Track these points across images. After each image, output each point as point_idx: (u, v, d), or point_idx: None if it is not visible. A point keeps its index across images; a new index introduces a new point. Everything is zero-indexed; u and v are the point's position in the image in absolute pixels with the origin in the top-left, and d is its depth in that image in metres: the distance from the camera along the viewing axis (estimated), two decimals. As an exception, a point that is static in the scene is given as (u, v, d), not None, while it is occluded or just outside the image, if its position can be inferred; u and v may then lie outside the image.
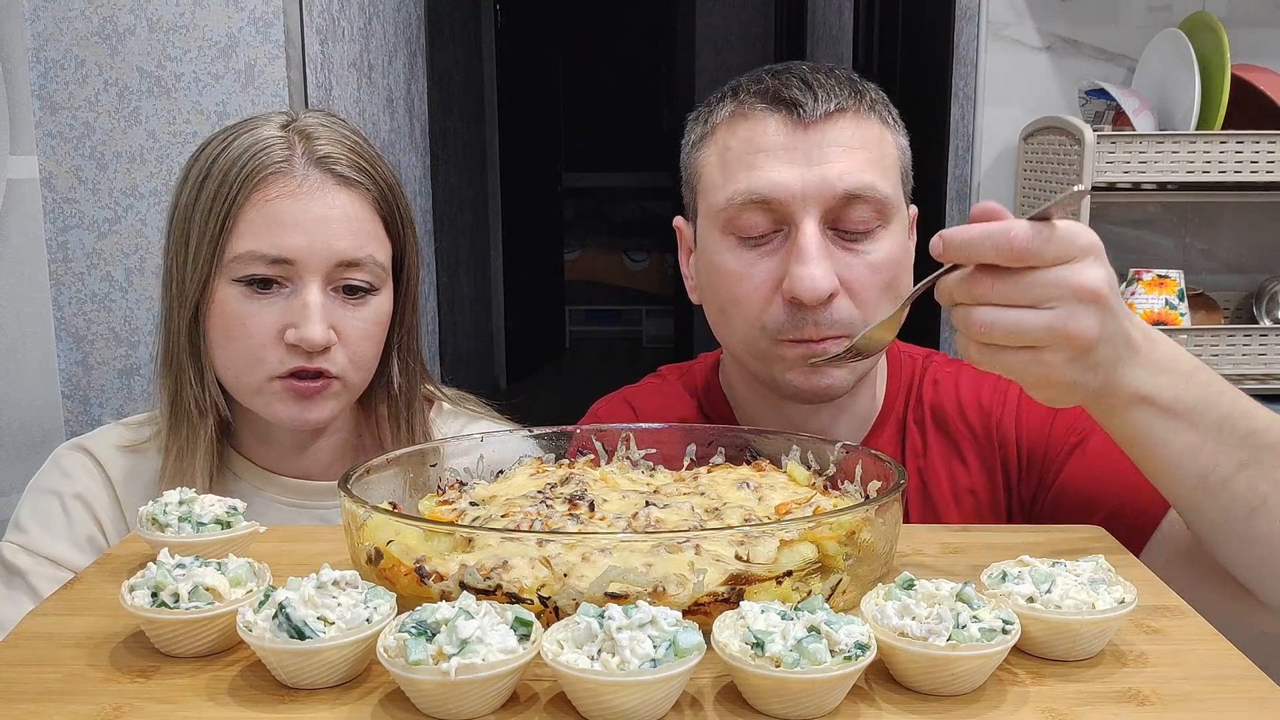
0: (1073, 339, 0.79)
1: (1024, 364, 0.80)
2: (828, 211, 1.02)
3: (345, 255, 1.08)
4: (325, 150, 1.09)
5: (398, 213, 1.15)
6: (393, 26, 3.05)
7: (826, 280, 1.00)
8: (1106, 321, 0.80)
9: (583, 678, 0.60)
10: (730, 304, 1.06)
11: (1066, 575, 0.71)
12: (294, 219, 1.07)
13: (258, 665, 0.68)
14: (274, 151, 1.08)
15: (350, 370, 1.11)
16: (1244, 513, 0.87)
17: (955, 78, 2.54)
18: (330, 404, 1.12)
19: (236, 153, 1.08)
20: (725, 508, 0.85)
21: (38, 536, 1.14)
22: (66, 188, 2.01)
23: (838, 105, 1.03)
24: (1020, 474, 1.11)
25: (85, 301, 2.04)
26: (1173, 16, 2.31)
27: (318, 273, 1.07)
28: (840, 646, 0.62)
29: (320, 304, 1.07)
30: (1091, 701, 0.65)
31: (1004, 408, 1.13)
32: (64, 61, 1.98)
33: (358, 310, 1.11)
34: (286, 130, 1.11)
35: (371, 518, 0.76)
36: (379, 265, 1.11)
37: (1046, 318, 0.78)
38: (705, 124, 1.10)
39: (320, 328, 1.06)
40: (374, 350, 1.14)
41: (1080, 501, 1.06)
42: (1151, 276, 2.14)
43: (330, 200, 1.08)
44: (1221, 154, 2.08)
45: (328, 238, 1.07)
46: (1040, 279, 0.78)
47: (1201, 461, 0.86)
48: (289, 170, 1.08)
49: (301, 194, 1.07)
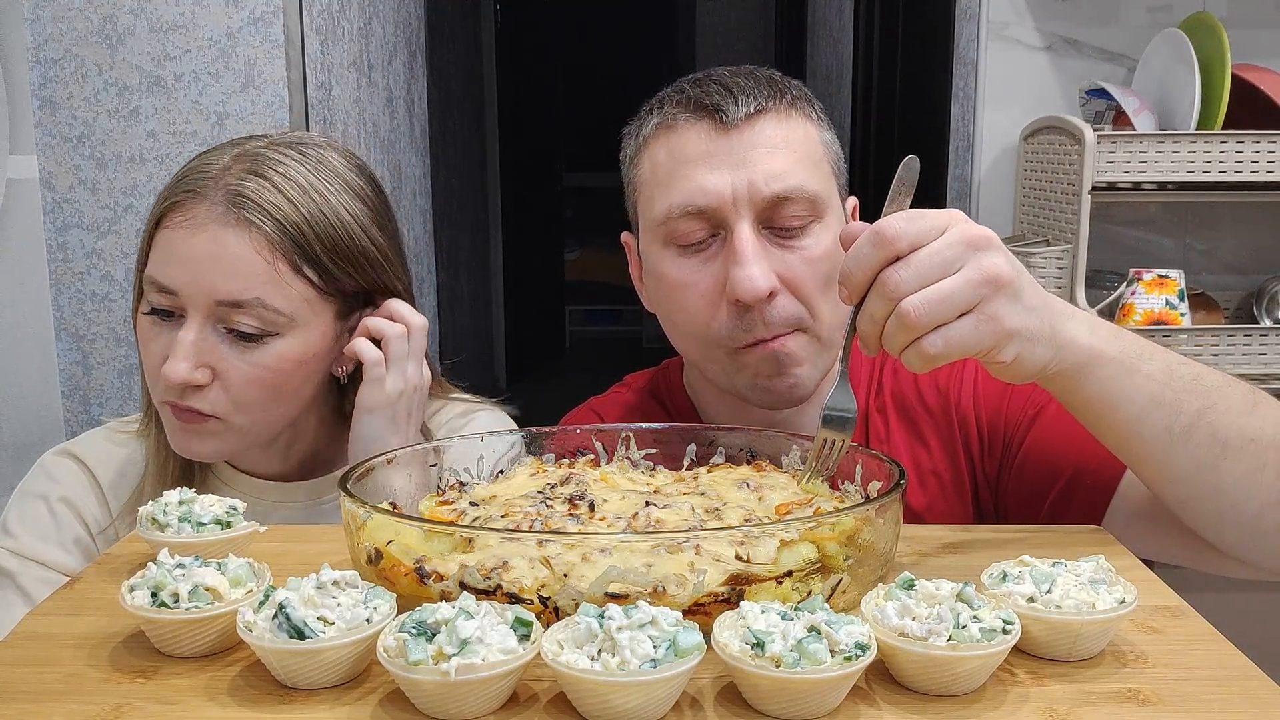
0: (995, 278, 0.80)
1: (975, 327, 0.81)
2: (760, 212, 1.04)
3: (227, 296, 1.05)
4: (243, 186, 1.07)
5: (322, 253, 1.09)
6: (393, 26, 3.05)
7: (765, 280, 1.02)
8: (1012, 260, 0.82)
9: (583, 678, 0.60)
10: (678, 314, 1.09)
11: (1066, 575, 0.71)
12: (184, 253, 1.06)
13: (258, 665, 0.68)
14: (199, 180, 1.08)
15: (231, 412, 1.09)
16: (1210, 460, 0.89)
17: (955, 78, 2.54)
18: (210, 442, 1.10)
19: (179, 174, 1.10)
20: (725, 508, 0.85)
21: (25, 540, 1.15)
22: (66, 188, 2.01)
23: (758, 106, 1.05)
24: (983, 451, 1.14)
25: (85, 301, 2.04)
26: (1173, 16, 2.32)
27: (198, 308, 1.06)
28: (840, 646, 0.62)
29: (190, 341, 1.06)
30: (1091, 701, 0.65)
31: (961, 388, 1.16)
32: (64, 61, 1.98)
33: (246, 353, 1.07)
34: (236, 157, 1.09)
35: (371, 518, 0.76)
36: (270, 309, 1.07)
37: (962, 274, 0.80)
38: (637, 139, 1.13)
39: (183, 366, 1.05)
40: (264, 395, 1.09)
41: (1042, 470, 1.09)
42: (1151, 276, 2.14)
43: (224, 238, 1.05)
44: (1222, 154, 2.08)
45: (211, 276, 1.05)
46: (933, 249, 0.80)
47: (1165, 411, 0.88)
48: (198, 200, 1.07)
49: (196, 227, 1.06)
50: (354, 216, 1.12)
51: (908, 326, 0.80)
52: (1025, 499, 1.10)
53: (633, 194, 1.14)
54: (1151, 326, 2.11)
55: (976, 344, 0.81)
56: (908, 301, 0.79)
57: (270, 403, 1.11)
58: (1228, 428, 0.89)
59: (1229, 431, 0.89)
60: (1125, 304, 2.16)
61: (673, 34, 7.39)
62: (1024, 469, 1.11)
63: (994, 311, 0.81)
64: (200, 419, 1.08)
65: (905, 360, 0.82)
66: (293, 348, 1.09)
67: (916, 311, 0.79)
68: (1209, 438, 0.88)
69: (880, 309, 0.81)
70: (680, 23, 7.33)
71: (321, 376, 1.16)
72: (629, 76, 7.70)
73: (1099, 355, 0.87)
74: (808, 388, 1.08)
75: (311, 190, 1.10)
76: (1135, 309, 2.14)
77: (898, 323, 0.80)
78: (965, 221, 0.82)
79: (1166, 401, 0.88)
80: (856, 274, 0.81)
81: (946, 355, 0.81)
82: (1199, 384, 0.89)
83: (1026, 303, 0.82)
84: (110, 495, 1.18)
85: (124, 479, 1.19)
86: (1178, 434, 0.88)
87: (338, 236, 1.10)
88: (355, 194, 1.14)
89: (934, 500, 1.13)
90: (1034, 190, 2.33)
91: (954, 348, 0.81)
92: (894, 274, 0.80)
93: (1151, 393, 0.88)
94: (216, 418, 1.08)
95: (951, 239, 0.80)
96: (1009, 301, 0.81)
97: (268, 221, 1.06)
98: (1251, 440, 0.89)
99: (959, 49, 2.51)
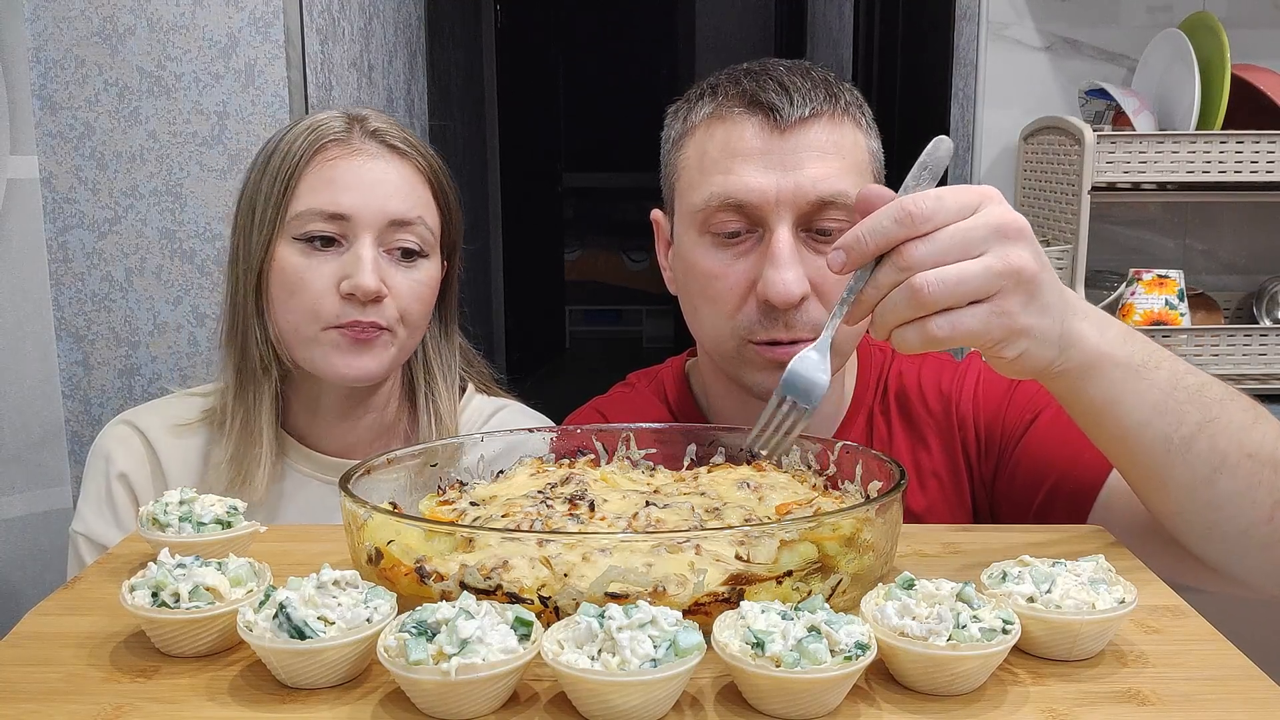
0: (1017, 272, 0.77)
1: (985, 319, 0.78)
2: (801, 216, 1.04)
3: (398, 214, 1.16)
4: (379, 125, 1.19)
5: (446, 190, 1.23)
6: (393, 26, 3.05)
7: (798, 285, 1.02)
8: (1038, 254, 0.79)
9: (583, 678, 0.60)
10: (705, 302, 1.09)
11: (1066, 575, 0.71)
12: (351, 179, 1.15)
13: (258, 665, 0.68)
14: (332, 125, 1.18)
15: (400, 326, 1.18)
16: (1207, 473, 0.88)
17: (955, 78, 2.54)
18: (381, 355, 1.18)
19: (299, 130, 1.18)
20: (725, 508, 0.85)
21: (92, 523, 1.23)
22: (66, 188, 2.01)
23: (812, 110, 1.05)
24: (980, 453, 1.14)
25: (85, 301, 2.04)
26: (1173, 16, 2.31)
27: (371, 229, 1.15)
28: (840, 646, 0.62)
29: (373, 257, 1.14)
30: (1091, 701, 0.65)
31: (962, 392, 1.16)
32: (64, 61, 1.98)
33: (409, 271, 1.18)
34: (348, 118, 1.20)
35: (372, 518, 0.76)
36: (429, 229, 1.19)
37: (983, 260, 0.76)
38: (684, 121, 1.12)
39: (373, 277, 1.13)
40: (423, 311, 1.21)
41: (1031, 473, 1.09)
42: (1151, 276, 2.14)
43: (385, 165, 1.17)
44: (1221, 154, 2.08)
45: (381, 198, 1.15)
46: (959, 228, 0.77)
47: (1167, 420, 0.86)
48: (347, 139, 1.17)
49: (358, 158, 1.16)
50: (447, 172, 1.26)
51: (917, 303, 0.76)
52: (1015, 503, 1.11)
53: (672, 175, 1.13)
54: (1151, 326, 2.11)
55: (984, 336, 0.79)
56: (922, 277, 0.76)
57: (421, 319, 1.22)
58: (1228, 442, 0.87)
59: (1229, 446, 0.87)
60: (1125, 304, 2.16)
61: (672, 34, 7.38)
62: (1015, 473, 1.11)
63: (1008, 306, 0.78)
64: (376, 332, 1.16)
65: (900, 337, 0.79)
66: (432, 272, 1.21)
67: (931, 289, 0.76)
68: (1208, 450, 0.87)
69: (889, 278, 0.78)
70: (680, 23, 7.32)
71: None
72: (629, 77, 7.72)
73: (1105, 358, 0.85)
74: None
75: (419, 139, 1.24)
76: (1135, 309, 2.14)
77: (907, 296, 0.77)
78: (999, 203, 0.79)
79: (1169, 410, 0.86)
80: (869, 243, 0.77)
81: (950, 341, 0.78)
82: (1203, 396, 0.88)
83: (1043, 300, 0.80)
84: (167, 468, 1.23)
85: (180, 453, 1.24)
86: (1177, 444, 0.87)
87: (448, 184, 1.24)
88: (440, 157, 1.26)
89: (934, 502, 1.14)
90: (1034, 190, 2.33)
91: (959, 335, 0.78)
92: (913, 247, 0.76)
93: (1154, 400, 0.86)
94: (389, 330, 1.17)
95: (981, 221, 0.77)
96: (1026, 298, 0.79)
97: (414, 152, 1.20)
98: (1249, 456, 0.88)
99: (959, 49, 2.51)
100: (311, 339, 1.16)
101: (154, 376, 2.03)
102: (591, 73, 7.53)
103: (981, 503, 1.15)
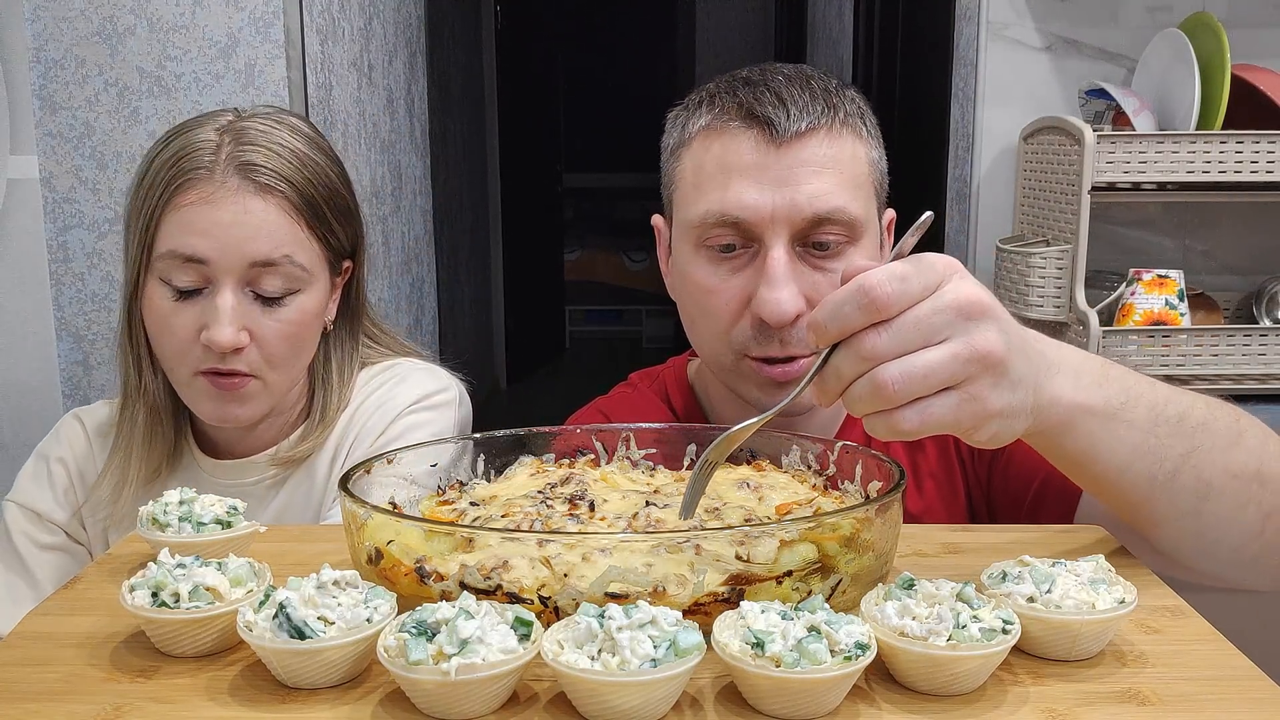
0: (984, 356, 0.72)
1: (956, 407, 0.73)
2: (797, 232, 1.03)
3: (259, 257, 1.12)
4: (248, 156, 1.13)
5: (327, 212, 1.18)
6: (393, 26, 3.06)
7: (793, 303, 1.02)
8: (1005, 330, 0.75)
9: (583, 678, 0.60)
10: (700, 316, 1.09)
11: (1066, 575, 0.71)
12: (207, 223, 1.11)
13: (258, 665, 0.68)
14: (199, 157, 1.13)
15: (266, 370, 1.16)
16: (1193, 502, 0.86)
17: (955, 78, 2.54)
18: (251, 403, 1.17)
19: (167, 156, 1.14)
20: (725, 508, 0.85)
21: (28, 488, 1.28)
22: (66, 188, 2.01)
23: (810, 124, 1.03)
24: (973, 454, 1.15)
25: (85, 301, 2.04)
26: (1173, 16, 2.31)
27: (231, 275, 1.12)
28: (840, 646, 0.62)
29: (231, 306, 1.12)
30: (1091, 701, 0.65)
31: None
32: (64, 61, 1.98)
33: (274, 311, 1.15)
34: (221, 133, 1.15)
35: (371, 518, 0.76)
36: (298, 265, 1.15)
37: (948, 347, 0.72)
38: (682, 130, 1.11)
39: (229, 330, 1.11)
40: (293, 349, 1.18)
41: (1022, 473, 1.09)
42: (1151, 276, 2.14)
43: (245, 205, 1.12)
44: (1221, 154, 2.08)
45: (239, 241, 1.12)
46: (920, 313, 0.72)
47: (1149, 460, 0.84)
48: (208, 176, 1.12)
49: (216, 199, 1.12)
50: (336, 177, 1.21)
51: (882, 398, 0.72)
52: (1009, 501, 1.12)
53: (670, 185, 1.13)
54: (1151, 326, 2.11)
55: (954, 425, 0.74)
56: (885, 371, 0.71)
57: (295, 356, 1.19)
58: (1211, 468, 0.85)
59: (1213, 473, 0.86)
60: (1125, 304, 2.16)
61: (672, 34, 7.39)
62: (1008, 471, 1.12)
63: (977, 392, 0.73)
64: (242, 381, 1.15)
65: (870, 425, 0.75)
66: (311, 302, 1.18)
67: (895, 384, 0.71)
68: (1193, 480, 0.85)
69: (851, 369, 0.73)
70: (680, 23, 7.33)
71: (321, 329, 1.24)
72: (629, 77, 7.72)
73: (1081, 410, 0.81)
74: (805, 405, 1.08)
75: (302, 155, 1.17)
76: (1135, 309, 2.14)
77: (871, 390, 0.72)
78: (961, 278, 0.74)
79: (1150, 449, 0.84)
80: (830, 328, 0.73)
81: (920, 433, 0.73)
82: (1184, 425, 0.85)
83: (1013, 377, 0.75)
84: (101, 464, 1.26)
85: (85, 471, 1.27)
86: (1161, 481, 0.85)
87: (332, 196, 1.19)
88: (329, 156, 1.21)
89: (931, 503, 1.14)
90: (1034, 190, 2.33)
91: (930, 427, 0.73)
92: (872, 337, 0.71)
93: (1135, 443, 0.83)
94: (255, 377, 1.15)
95: (942, 303, 0.72)
96: (995, 381, 0.74)
97: (283, 185, 1.14)
98: (1235, 477, 0.86)
99: (959, 49, 2.51)
100: (183, 381, 1.17)
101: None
102: (591, 73, 7.53)
103: (979, 504, 1.15)
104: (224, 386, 1.14)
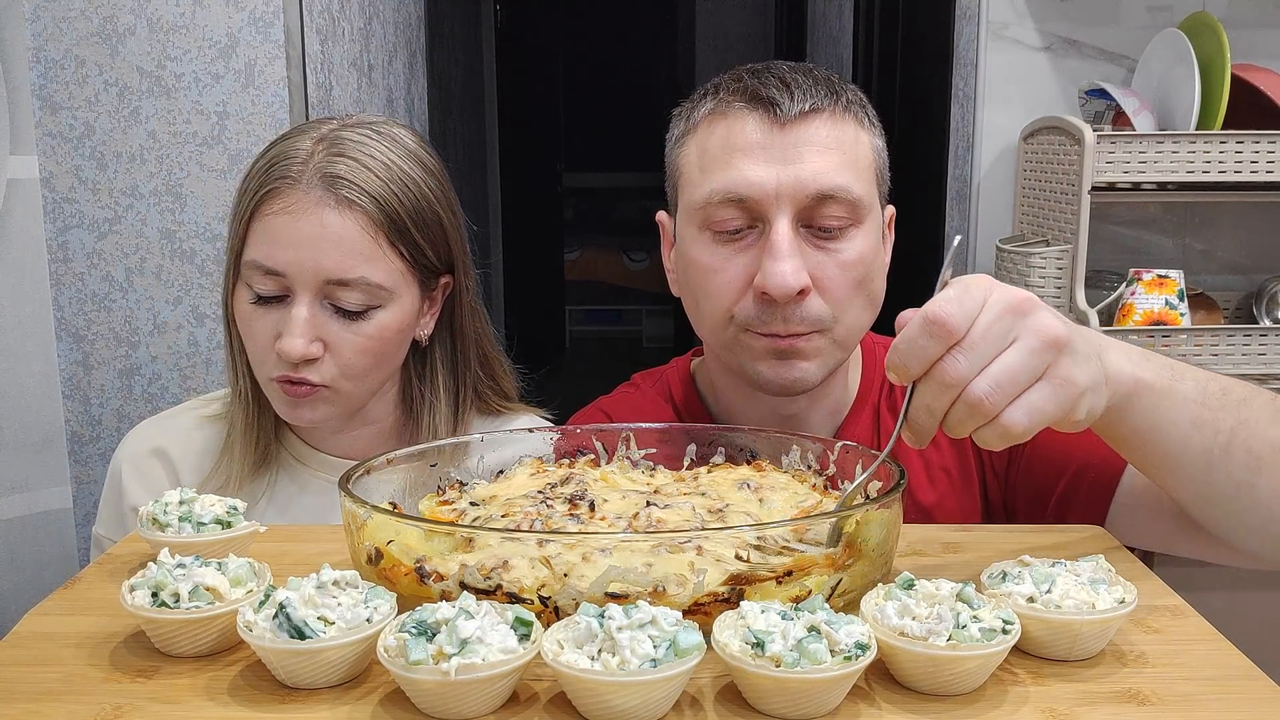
0: (1053, 340, 0.76)
1: (1052, 392, 0.76)
2: (801, 210, 1.04)
3: (331, 274, 1.11)
4: (334, 168, 1.12)
5: (412, 227, 1.15)
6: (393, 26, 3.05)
7: (796, 277, 1.02)
8: (1057, 313, 0.79)
9: (583, 678, 0.60)
10: (703, 296, 1.09)
11: (1066, 575, 0.71)
12: (287, 235, 1.11)
13: (258, 665, 0.68)
14: (289, 166, 1.12)
15: (341, 380, 1.15)
16: (1247, 476, 0.88)
17: (955, 78, 2.54)
18: (321, 409, 1.16)
19: (263, 162, 1.15)
20: (728, 509, 0.85)
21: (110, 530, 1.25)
22: (66, 188, 2.01)
23: (813, 105, 1.05)
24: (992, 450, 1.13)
25: (85, 301, 2.04)
26: (1173, 16, 2.31)
27: (307, 287, 1.12)
28: (840, 646, 0.62)
29: (305, 318, 1.11)
30: (1091, 701, 0.65)
31: None
32: (64, 61, 1.98)
33: (352, 325, 1.14)
34: (317, 142, 1.14)
35: (371, 518, 0.76)
36: (373, 285, 1.13)
37: (1021, 344, 0.75)
38: (687, 120, 1.12)
39: (300, 341, 1.11)
40: (370, 362, 1.16)
41: (1049, 466, 1.09)
42: (1151, 276, 2.14)
43: (323, 219, 1.10)
44: (1221, 154, 2.08)
45: (317, 256, 1.10)
46: (983, 326, 0.75)
47: (1205, 433, 0.87)
48: (294, 186, 1.11)
49: (297, 210, 1.11)
50: (431, 191, 1.18)
51: (981, 412, 0.74)
52: (1033, 494, 1.11)
53: (675, 174, 1.14)
54: (1151, 326, 2.11)
55: (1056, 409, 0.77)
56: (974, 389, 0.74)
57: (374, 369, 1.17)
58: (1260, 441, 0.88)
59: (1262, 446, 0.88)
60: (1125, 304, 2.16)
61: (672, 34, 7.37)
62: (1031, 464, 1.11)
63: (1062, 373, 0.76)
64: (313, 390, 1.14)
65: (982, 439, 0.77)
66: (392, 318, 1.16)
67: (989, 396, 0.74)
68: (1245, 454, 0.88)
69: (941, 401, 0.75)
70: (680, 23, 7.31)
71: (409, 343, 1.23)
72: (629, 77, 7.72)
73: (1140, 382, 0.84)
74: (811, 382, 1.08)
75: (395, 168, 1.15)
76: (1135, 309, 2.14)
77: (967, 410, 0.75)
78: (1000, 286, 0.77)
79: (1205, 422, 0.87)
80: (912, 365, 0.75)
81: (1032, 429, 0.76)
82: (1229, 399, 0.88)
83: (1083, 351, 0.78)
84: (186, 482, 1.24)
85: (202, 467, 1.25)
86: (1217, 455, 0.87)
87: (422, 210, 1.16)
88: (427, 169, 1.19)
89: (943, 496, 1.13)
90: (1034, 190, 2.33)
91: (1037, 419, 0.76)
92: (951, 363, 0.74)
93: (1191, 415, 0.86)
94: (327, 386, 1.14)
95: (997, 310, 0.75)
96: (1073, 359, 0.77)
97: (365, 200, 1.12)
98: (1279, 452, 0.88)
99: (959, 49, 2.51)
100: (264, 381, 1.17)
101: (154, 376, 2.03)
102: (591, 73, 7.53)
103: (995, 497, 1.15)
104: (292, 394, 1.14)
